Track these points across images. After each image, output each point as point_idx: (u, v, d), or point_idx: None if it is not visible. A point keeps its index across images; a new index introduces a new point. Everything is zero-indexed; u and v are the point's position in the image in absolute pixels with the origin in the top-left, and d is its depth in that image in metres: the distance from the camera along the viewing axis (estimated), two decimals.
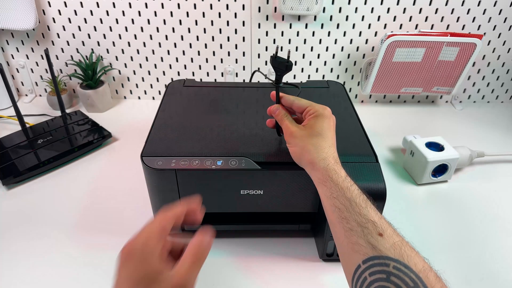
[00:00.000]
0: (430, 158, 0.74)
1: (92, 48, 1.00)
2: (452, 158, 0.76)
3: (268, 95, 0.57)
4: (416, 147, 0.78)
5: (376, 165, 0.56)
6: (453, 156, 0.76)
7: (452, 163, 0.76)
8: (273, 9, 0.93)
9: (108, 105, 1.04)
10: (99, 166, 0.83)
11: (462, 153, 0.79)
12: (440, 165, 0.76)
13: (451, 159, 0.76)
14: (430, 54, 0.91)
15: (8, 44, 1.00)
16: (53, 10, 0.94)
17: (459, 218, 0.71)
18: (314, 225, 0.65)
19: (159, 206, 0.61)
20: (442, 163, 0.76)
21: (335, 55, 1.00)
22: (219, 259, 0.62)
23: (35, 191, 0.76)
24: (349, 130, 0.63)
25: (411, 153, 0.80)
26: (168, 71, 1.04)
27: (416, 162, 0.78)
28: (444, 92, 1.01)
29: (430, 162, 0.74)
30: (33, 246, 0.64)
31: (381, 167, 0.57)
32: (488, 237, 0.67)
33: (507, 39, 0.98)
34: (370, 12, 0.93)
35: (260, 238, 0.66)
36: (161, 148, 0.58)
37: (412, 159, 0.80)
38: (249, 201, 0.59)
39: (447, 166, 0.77)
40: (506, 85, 1.07)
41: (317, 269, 0.61)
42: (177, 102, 0.71)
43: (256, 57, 1.00)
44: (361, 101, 1.09)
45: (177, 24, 0.95)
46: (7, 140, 0.84)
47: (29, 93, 1.08)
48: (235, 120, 0.65)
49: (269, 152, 0.57)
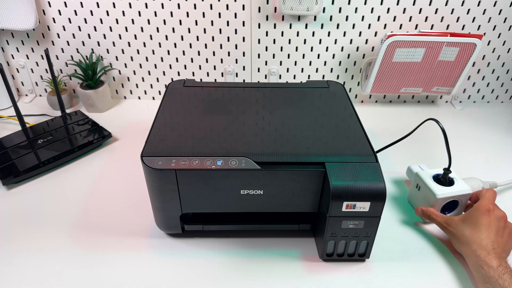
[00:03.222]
0: (439, 195, 0.65)
1: (92, 48, 1.00)
2: (464, 194, 0.67)
3: (268, 95, 0.57)
4: (423, 180, 0.69)
5: (376, 165, 0.56)
6: (465, 191, 0.67)
7: (463, 199, 0.68)
8: (273, 9, 0.93)
9: (108, 105, 1.04)
10: (99, 166, 0.83)
11: (473, 186, 0.71)
12: (450, 202, 0.68)
13: (462, 195, 0.67)
14: (430, 54, 0.91)
15: (8, 44, 1.00)
16: (53, 10, 0.94)
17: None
18: (314, 225, 0.65)
19: (159, 206, 0.61)
20: (453, 199, 0.67)
21: (335, 55, 1.00)
22: (219, 259, 0.62)
23: (35, 191, 0.76)
24: (349, 130, 0.63)
25: (417, 187, 0.71)
26: (168, 71, 1.04)
27: (423, 198, 0.69)
28: (444, 92, 1.01)
29: (440, 199, 0.66)
30: (33, 246, 0.64)
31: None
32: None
33: (507, 39, 0.98)
34: (370, 12, 0.93)
35: (260, 238, 0.66)
36: (161, 148, 0.58)
37: (418, 193, 0.71)
38: (249, 201, 0.59)
39: (458, 202, 0.68)
40: (506, 85, 1.07)
41: (317, 269, 0.61)
42: (177, 102, 0.71)
43: (256, 57, 1.00)
44: (361, 101, 1.09)
45: (177, 24, 0.96)
46: (7, 140, 0.84)
47: (29, 93, 1.09)
48: (235, 120, 0.65)
49: (269, 152, 0.57)
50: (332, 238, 0.58)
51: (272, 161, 0.56)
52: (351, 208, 0.54)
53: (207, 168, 0.55)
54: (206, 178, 0.56)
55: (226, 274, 0.60)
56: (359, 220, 0.56)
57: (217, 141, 0.60)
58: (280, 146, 0.59)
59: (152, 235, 0.66)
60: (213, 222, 0.65)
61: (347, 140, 0.61)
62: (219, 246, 0.65)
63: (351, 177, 0.54)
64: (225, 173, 0.56)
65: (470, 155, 0.84)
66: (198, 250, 0.64)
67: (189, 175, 0.56)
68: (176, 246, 0.65)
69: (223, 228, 0.66)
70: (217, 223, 0.65)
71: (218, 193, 0.58)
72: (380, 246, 0.64)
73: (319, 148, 0.59)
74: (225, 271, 0.60)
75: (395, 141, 0.78)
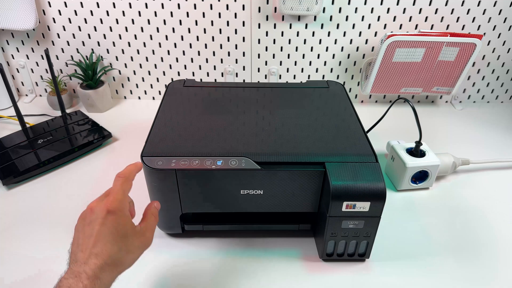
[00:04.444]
0: (409, 164, 0.72)
1: (92, 48, 1.00)
2: (433, 165, 0.73)
3: (268, 95, 0.57)
4: (397, 152, 0.76)
5: (376, 165, 0.56)
6: (434, 163, 0.73)
7: (432, 170, 0.74)
8: (273, 9, 0.93)
9: (108, 105, 1.04)
10: (99, 166, 0.83)
11: (444, 160, 0.77)
12: (420, 172, 0.74)
13: (431, 166, 0.73)
14: (430, 54, 0.91)
15: (8, 44, 1.00)
16: (53, 10, 0.94)
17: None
18: (314, 225, 0.65)
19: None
20: (422, 169, 0.74)
21: (335, 55, 1.00)
22: (219, 259, 0.62)
23: (35, 191, 0.76)
24: (349, 130, 0.63)
25: (392, 158, 0.78)
26: (168, 71, 1.04)
27: (396, 168, 0.76)
28: (444, 92, 1.01)
29: (409, 168, 0.73)
30: (33, 246, 0.64)
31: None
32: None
33: (507, 39, 0.98)
34: (370, 12, 0.93)
35: (260, 238, 0.66)
36: (161, 148, 0.58)
37: (392, 164, 0.78)
38: (249, 201, 0.59)
39: (428, 173, 0.74)
40: (506, 85, 1.07)
41: (317, 269, 0.61)
42: (177, 102, 0.71)
43: (256, 57, 1.00)
44: (361, 101, 1.09)
45: (177, 24, 0.96)
46: (7, 140, 0.84)
47: (29, 93, 1.09)
48: (235, 120, 0.65)
49: (269, 152, 0.57)
50: (332, 238, 0.58)
51: (272, 161, 0.56)
52: (351, 208, 0.54)
53: (207, 168, 0.55)
54: (206, 178, 0.56)
55: (226, 274, 0.60)
56: (359, 220, 0.56)
57: (217, 141, 0.60)
58: (280, 146, 0.59)
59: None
60: (213, 222, 0.65)
61: (347, 140, 0.61)
62: (219, 246, 0.65)
63: (351, 177, 0.54)
64: (225, 173, 0.56)
65: (470, 155, 0.84)
66: (198, 250, 0.64)
67: (189, 175, 0.56)
68: (176, 246, 0.65)
69: (223, 228, 0.66)
70: (217, 223, 0.65)
71: (218, 193, 0.58)
72: (380, 246, 0.64)
73: (319, 148, 0.59)
74: (225, 271, 0.60)
75: (374, 125, 0.86)
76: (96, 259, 0.42)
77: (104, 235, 0.43)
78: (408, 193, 0.76)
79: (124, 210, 0.46)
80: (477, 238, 0.67)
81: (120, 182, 0.48)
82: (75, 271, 0.41)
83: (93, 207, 0.45)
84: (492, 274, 0.61)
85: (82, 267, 0.41)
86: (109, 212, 0.44)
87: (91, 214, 0.45)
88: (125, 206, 0.47)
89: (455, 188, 0.78)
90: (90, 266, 0.41)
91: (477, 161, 0.82)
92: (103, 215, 0.44)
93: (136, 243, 0.46)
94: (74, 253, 0.43)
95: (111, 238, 0.43)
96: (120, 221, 0.45)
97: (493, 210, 0.73)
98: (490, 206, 0.74)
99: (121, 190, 0.47)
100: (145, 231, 0.49)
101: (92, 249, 0.42)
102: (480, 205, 0.74)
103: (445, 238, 0.67)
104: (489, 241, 0.66)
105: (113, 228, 0.44)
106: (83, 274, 0.40)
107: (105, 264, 0.42)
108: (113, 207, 0.45)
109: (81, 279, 0.40)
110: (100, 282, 0.41)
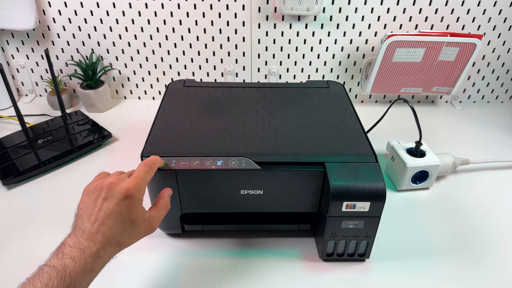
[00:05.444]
0: (409, 164, 0.72)
1: (92, 48, 1.00)
2: (433, 165, 0.73)
3: (268, 95, 0.57)
4: (397, 152, 0.76)
5: (376, 165, 0.56)
6: (434, 163, 0.73)
7: (432, 170, 0.74)
8: (273, 9, 0.93)
9: (108, 105, 1.04)
10: (99, 166, 0.83)
11: (444, 160, 0.77)
12: (421, 172, 0.74)
13: (431, 166, 0.73)
14: (430, 54, 0.91)
15: (8, 44, 1.00)
16: (53, 10, 0.94)
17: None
18: (314, 225, 0.65)
19: None
20: (422, 169, 0.74)
21: (335, 55, 1.00)
22: (219, 259, 0.62)
23: (35, 191, 0.76)
24: (349, 130, 0.63)
25: (392, 158, 0.78)
26: (168, 71, 1.04)
27: (396, 168, 0.76)
28: (444, 92, 1.01)
29: (409, 168, 0.73)
30: (33, 246, 0.64)
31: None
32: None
33: (507, 39, 0.98)
34: (370, 12, 0.93)
35: (260, 238, 0.66)
36: (161, 148, 0.58)
37: (392, 164, 0.78)
38: (249, 201, 0.59)
39: (428, 173, 0.74)
40: (506, 85, 1.07)
41: (317, 269, 0.61)
42: (177, 102, 0.71)
43: (256, 57, 1.00)
44: (361, 101, 1.09)
45: (177, 24, 0.96)
46: (7, 140, 0.84)
47: (29, 93, 1.09)
48: (235, 120, 0.65)
49: (269, 152, 0.57)
50: (332, 238, 0.58)
51: (272, 161, 0.56)
52: (351, 208, 0.54)
53: (207, 168, 0.55)
54: (206, 178, 0.56)
55: (226, 274, 0.60)
56: (359, 220, 0.56)
57: (217, 141, 0.60)
58: (280, 146, 0.59)
59: (152, 235, 0.65)
60: (213, 222, 0.65)
61: (347, 140, 0.61)
62: (219, 246, 0.65)
63: (351, 177, 0.54)
64: (225, 173, 0.56)
65: (470, 155, 0.84)
66: (198, 250, 0.64)
67: (189, 175, 0.56)
68: (176, 246, 0.65)
69: (223, 228, 0.66)
70: (217, 223, 0.65)
71: (218, 193, 0.58)
72: (380, 246, 0.64)
73: (319, 148, 0.59)
74: (225, 271, 0.60)
75: (374, 125, 0.86)
76: (102, 237, 0.44)
77: (116, 215, 0.45)
78: (408, 193, 0.77)
79: (140, 198, 0.47)
80: (477, 238, 0.67)
81: (145, 170, 0.49)
82: (80, 242, 0.43)
83: (112, 183, 0.46)
84: (492, 274, 0.61)
85: (87, 241, 0.43)
86: (127, 196, 0.45)
87: (108, 190, 0.46)
88: (142, 194, 0.48)
89: (455, 188, 0.78)
90: (95, 244, 0.43)
91: (477, 161, 0.82)
92: (121, 197, 0.45)
93: (141, 229, 0.48)
94: (81, 220, 0.45)
95: (121, 220, 0.45)
96: (134, 207, 0.46)
97: (493, 210, 0.73)
98: (490, 206, 0.74)
99: (144, 177, 0.48)
100: (152, 219, 0.50)
101: (101, 226, 0.44)
102: (480, 205, 0.74)
103: (445, 238, 0.67)
104: (490, 241, 0.66)
105: (125, 212, 0.45)
106: (87, 250, 0.42)
107: (108, 243, 0.44)
108: (132, 192, 0.46)
109: (84, 254, 0.42)
110: (100, 261, 0.43)
